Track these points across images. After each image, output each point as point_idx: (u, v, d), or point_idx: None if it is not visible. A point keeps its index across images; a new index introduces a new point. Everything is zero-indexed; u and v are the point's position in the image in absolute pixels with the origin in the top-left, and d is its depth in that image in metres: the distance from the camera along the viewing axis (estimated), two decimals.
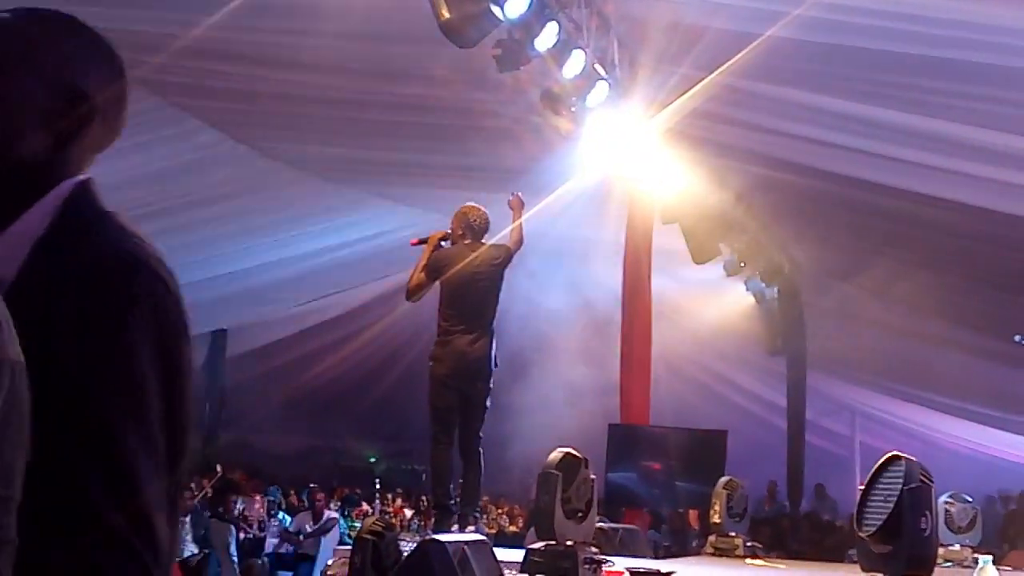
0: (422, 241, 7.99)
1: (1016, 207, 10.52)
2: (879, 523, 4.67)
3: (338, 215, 15.24)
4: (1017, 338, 9.05)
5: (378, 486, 15.00)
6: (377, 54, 10.10)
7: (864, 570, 4.85)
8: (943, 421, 18.20)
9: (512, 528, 14.38)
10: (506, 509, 15.28)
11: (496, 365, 7.67)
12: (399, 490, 16.57)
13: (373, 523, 6.77)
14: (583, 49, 9.59)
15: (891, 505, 4.66)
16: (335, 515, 13.46)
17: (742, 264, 14.04)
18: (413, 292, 7.88)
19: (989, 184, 10.22)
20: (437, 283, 7.78)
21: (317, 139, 12.64)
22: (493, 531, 13.27)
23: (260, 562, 13.10)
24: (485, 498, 13.65)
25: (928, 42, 8.48)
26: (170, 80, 10.84)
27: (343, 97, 11.08)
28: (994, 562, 7.70)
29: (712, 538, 8.71)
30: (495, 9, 8.45)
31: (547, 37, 9.19)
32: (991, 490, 16.57)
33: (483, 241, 7.89)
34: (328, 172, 14.00)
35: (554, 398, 14.06)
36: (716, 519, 8.60)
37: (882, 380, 17.28)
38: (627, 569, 6.02)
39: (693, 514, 11.86)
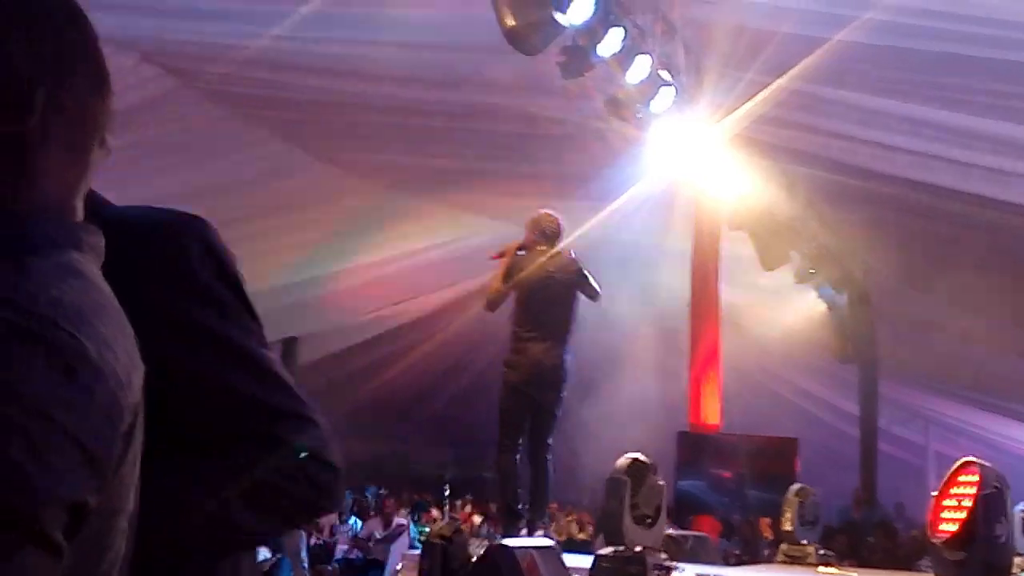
0: (501, 255, 7.99)
1: None
2: (953, 530, 4.60)
3: (403, 223, 15.31)
4: None
5: (447, 492, 15.05)
6: (441, 62, 10.16)
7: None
8: (1020, 430, 17.87)
9: (582, 535, 14.33)
10: (575, 516, 15.23)
11: (568, 374, 7.65)
12: (468, 496, 16.59)
13: (442, 528, 6.80)
14: (648, 54, 9.55)
15: (965, 511, 4.58)
16: (404, 521, 13.51)
17: (812, 271, 13.88)
18: (492, 303, 7.87)
19: None
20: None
21: (382, 148, 12.72)
22: (562, 538, 13.22)
23: (330, 568, 13.20)
24: (554, 505, 13.64)
25: (1000, 45, 8.35)
26: (237, 91, 10.99)
27: (407, 106, 11.15)
28: None
29: (783, 546, 8.61)
30: (559, 16, 8.46)
31: (612, 43, 9.17)
32: None
33: (558, 247, 7.87)
34: (393, 180, 14.09)
35: (623, 406, 13.98)
36: (788, 527, 8.50)
37: (956, 388, 16.99)
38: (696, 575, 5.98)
39: (764, 522, 11.73)
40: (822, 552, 8.66)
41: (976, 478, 4.60)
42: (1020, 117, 9.28)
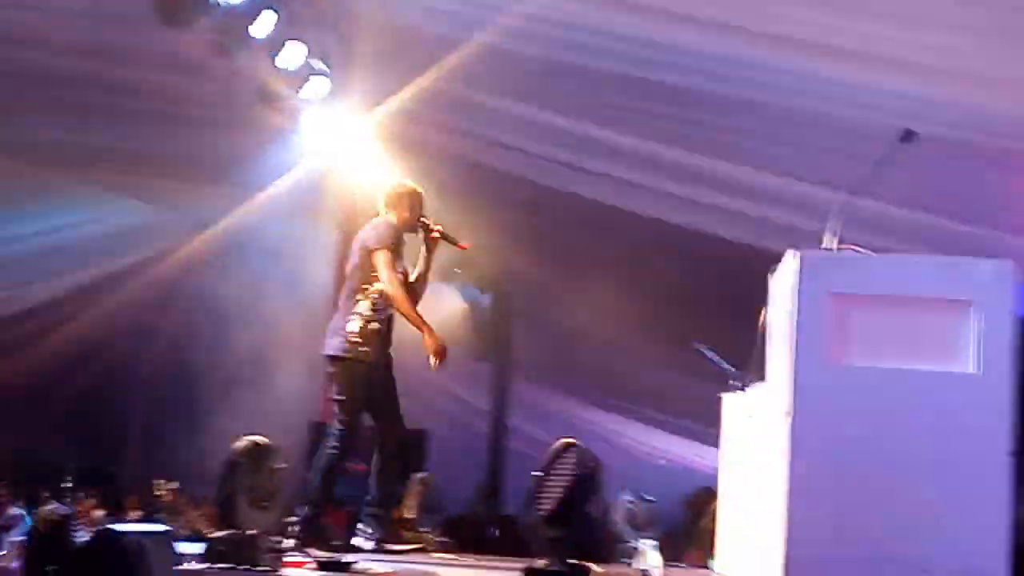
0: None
1: (712, 227, 11.11)
2: (551, 508, 4.84)
3: (40, 200, 14.51)
4: (698, 346, 9.68)
5: (69, 484, 14.35)
6: (94, 33, 9.72)
7: (536, 556, 4.99)
8: (642, 431, 18.89)
9: (208, 532, 14.01)
10: (205, 511, 14.90)
11: (347, 351, 7.09)
12: (92, 491, 15.87)
13: (49, 513, 6.49)
14: (301, 41, 9.56)
15: (562, 491, 4.83)
16: (20, 512, 12.78)
17: (456, 270, 14.20)
18: None
19: (689, 204, 10.74)
20: None
21: (26, 120, 11.98)
22: (188, 533, 12.90)
23: None
24: (183, 499, 13.32)
25: (635, 62, 8.86)
26: None
27: (55, 76, 10.56)
28: (677, 559, 8.07)
29: (404, 533, 8.76)
30: None
31: (264, 25, 9.13)
32: (681, 495, 17.25)
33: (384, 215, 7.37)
34: (33, 154, 13.32)
35: (265, 401, 13.84)
36: (409, 514, 8.68)
37: (585, 389, 17.81)
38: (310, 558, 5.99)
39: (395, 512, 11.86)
40: (442, 540, 8.88)
41: (574, 459, 4.86)
42: (653, 133, 9.88)
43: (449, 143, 11.33)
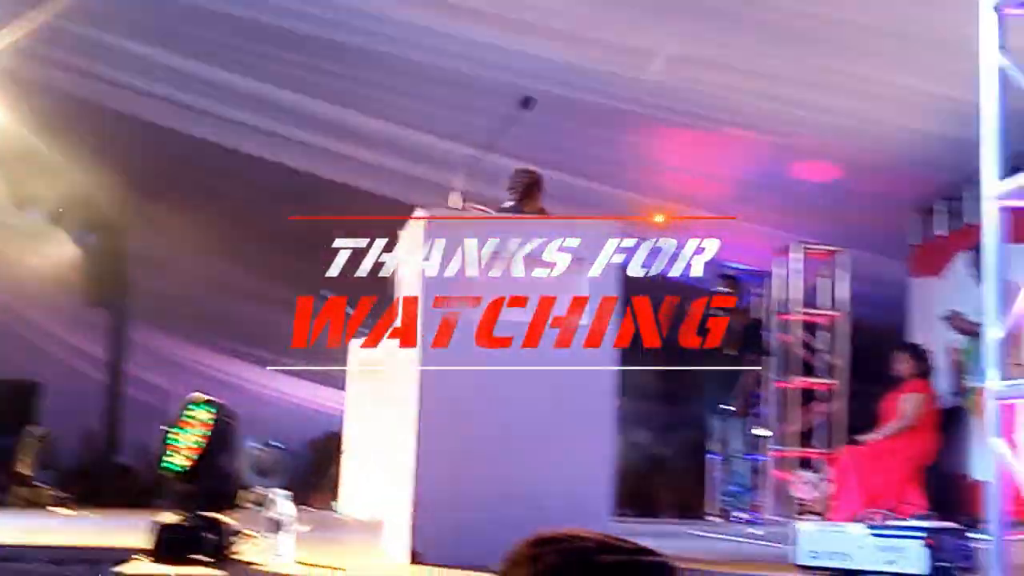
0: None
1: (335, 174, 11.27)
2: (184, 462, 4.86)
3: None
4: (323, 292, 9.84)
5: None
6: None
7: (168, 510, 5.00)
8: (261, 374, 18.83)
9: None
10: None
11: None
12: None
13: None
14: None
15: (195, 445, 4.86)
16: None
17: (60, 210, 13.64)
18: None
19: (301, 147, 10.88)
20: None
21: None
22: None
23: None
24: None
25: (267, 10, 8.83)
26: None
27: None
28: (305, 503, 8.18)
29: (20, 489, 8.44)
30: None
31: None
32: (307, 439, 17.44)
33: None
34: None
35: None
36: (25, 470, 8.37)
37: (201, 333, 17.54)
38: None
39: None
40: (59, 495, 8.62)
41: (206, 413, 4.90)
42: (282, 80, 9.89)
43: (69, 83, 10.88)
